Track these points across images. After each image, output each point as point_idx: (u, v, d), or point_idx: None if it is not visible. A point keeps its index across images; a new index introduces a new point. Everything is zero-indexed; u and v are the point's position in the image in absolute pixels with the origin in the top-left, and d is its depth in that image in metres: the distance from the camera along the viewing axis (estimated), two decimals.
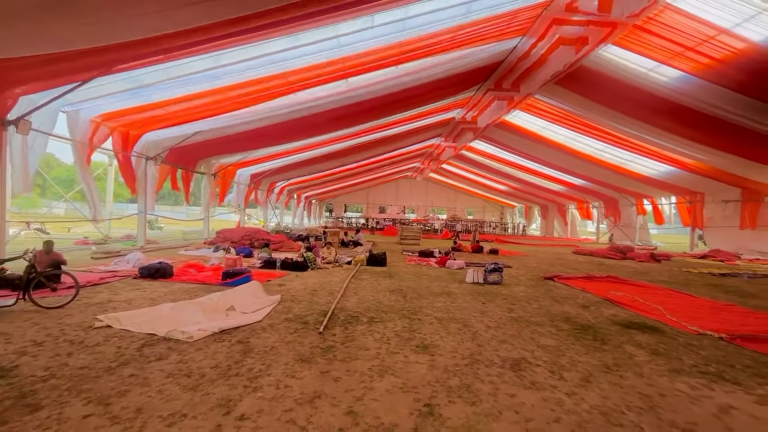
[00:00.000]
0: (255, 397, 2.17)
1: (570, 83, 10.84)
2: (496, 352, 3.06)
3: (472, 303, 4.80)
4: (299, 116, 9.92)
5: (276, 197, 20.20)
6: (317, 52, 6.98)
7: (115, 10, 3.97)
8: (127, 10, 4.01)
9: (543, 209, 28.44)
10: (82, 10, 3.81)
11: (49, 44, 4.52)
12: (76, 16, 3.88)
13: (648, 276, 8.07)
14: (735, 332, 3.77)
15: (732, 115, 9.56)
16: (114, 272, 5.83)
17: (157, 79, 6.60)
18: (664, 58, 8.60)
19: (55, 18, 3.87)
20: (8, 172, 6.03)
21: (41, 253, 4.44)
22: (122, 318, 3.48)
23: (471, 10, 6.90)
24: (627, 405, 2.23)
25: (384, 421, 1.97)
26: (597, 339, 3.50)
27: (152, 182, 9.60)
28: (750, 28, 7.22)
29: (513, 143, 17.54)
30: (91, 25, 4.22)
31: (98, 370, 2.47)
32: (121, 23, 4.31)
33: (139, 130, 8.62)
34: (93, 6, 3.82)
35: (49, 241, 4.71)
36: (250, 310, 3.94)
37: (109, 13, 4.02)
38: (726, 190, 14.42)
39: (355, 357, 2.84)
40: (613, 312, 4.62)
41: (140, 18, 4.22)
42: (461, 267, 7.98)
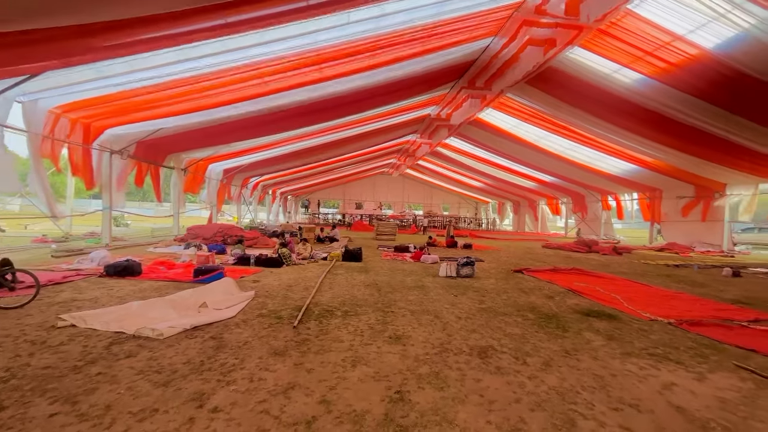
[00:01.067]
0: (228, 390, 2.20)
1: (540, 83, 11.23)
2: (465, 341, 3.21)
3: (444, 296, 4.96)
4: (273, 111, 9.78)
5: (250, 193, 19.80)
6: (291, 47, 6.90)
7: None
8: None
9: (515, 205, 29.31)
10: None
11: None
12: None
13: (610, 268, 8.54)
14: (682, 318, 4.10)
15: (687, 117, 10.21)
16: (77, 271, 5.60)
17: (123, 70, 6.33)
18: (626, 61, 9.06)
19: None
20: None
21: None
22: (88, 317, 3.38)
23: (443, 11, 7.01)
24: (582, 385, 2.42)
25: (356, 408, 2.05)
26: (559, 327, 3.72)
27: (116, 177, 9.21)
28: (702, 36, 7.72)
29: (486, 141, 17.96)
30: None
31: (63, 370, 2.41)
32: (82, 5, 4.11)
33: (103, 123, 8.24)
34: None
35: None
36: (223, 307, 3.91)
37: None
38: (681, 187, 15.40)
39: (329, 349, 2.90)
40: (575, 301, 4.89)
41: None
42: (435, 261, 8.16)
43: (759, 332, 3.70)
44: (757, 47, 7.27)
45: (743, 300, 5.35)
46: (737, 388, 2.46)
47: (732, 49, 7.59)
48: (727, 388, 2.45)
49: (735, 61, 7.81)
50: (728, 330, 3.75)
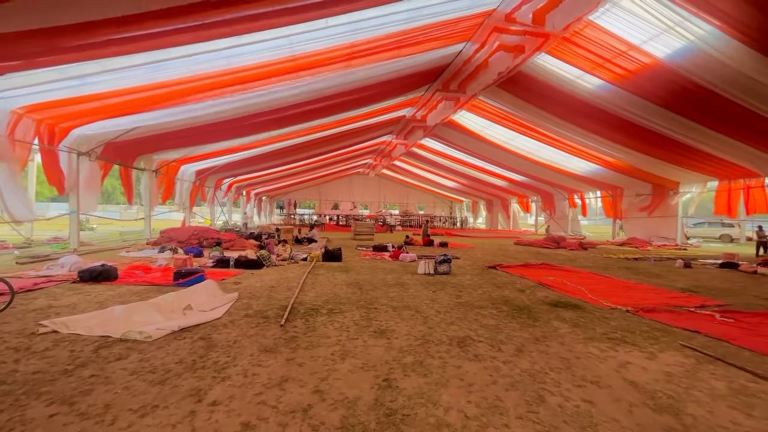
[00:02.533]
0: (225, 386, 2.30)
1: (511, 87, 11.73)
2: (445, 332, 3.43)
3: (423, 292, 5.18)
4: (248, 113, 9.71)
5: (223, 194, 19.39)
6: (267, 49, 6.92)
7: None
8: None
9: (488, 204, 30.19)
10: None
11: None
12: None
13: (576, 262, 9.08)
14: (638, 306, 4.51)
15: (644, 120, 10.98)
16: (49, 277, 5.42)
17: (91, 70, 6.15)
18: (588, 67, 9.65)
19: None
20: None
21: None
22: (70, 322, 3.36)
23: (416, 16, 7.25)
24: (550, 367, 2.68)
25: (348, 395, 2.22)
26: (530, 317, 4.02)
27: (86, 179, 8.87)
28: (655, 46, 8.36)
29: (460, 141, 18.46)
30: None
31: (54, 374, 2.43)
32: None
33: (69, 124, 7.93)
34: None
35: None
36: (208, 308, 3.96)
37: None
38: (640, 186, 16.45)
39: (317, 345, 3.04)
40: (545, 294, 5.24)
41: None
42: (413, 260, 8.41)
43: (703, 316, 4.15)
44: (702, 58, 7.95)
45: (692, 288, 5.89)
46: (681, 364, 2.81)
47: (681, 59, 8.26)
48: (673, 364, 2.80)
49: (684, 69, 8.50)
50: (677, 315, 4.18)
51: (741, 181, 13.01)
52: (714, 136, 10.70)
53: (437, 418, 1.98)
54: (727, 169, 12.92)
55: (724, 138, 10.68)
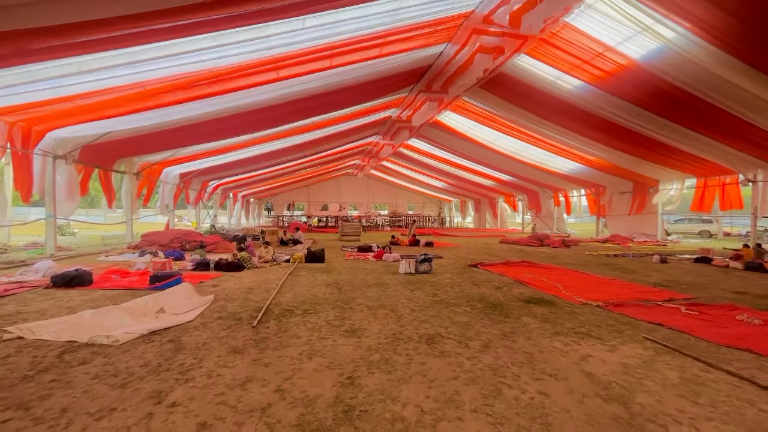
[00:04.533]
0: (187, 387, 2.31)
1: (493, 87, 11.88)
2: (416, 330, 3.47)
3: (401, 291, 5.23)
4: (230, 114, 9.65)
5: (208, 197, 19.20)
6: (247, 51, 6.91)
7: None
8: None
9: (476, 203, 30.44)
10: None
11: None
12: None
13: (557, 259, 9.24)
14: (609, 300, 4.62)
15: (623, 120, 11.21)
16: (21, 283, 5.32)
17: (66, 71, 6.06)
18: (567, 68, 9.83)
19: None
20: None
21: None
22: (36, 328, 3.31)
23: (396, 18, 7.31)
24: (513, 362, 2.75)
25: (309, 393, 2.24)
26: (502, 314, 4.09)
27: (64, 184, 8.71)
28: (630, 47, 8.56)
29: (446, 142, 18.60)
30: None
31: (13, 380, 2.40)
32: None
33: (45, 126, 7.79)
34: None
35: None
36: (181, 311, 3.94)
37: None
38: (621, 183, 16.78)
39: (287, 345, 3.06)
40: (521, 291, 5.33)
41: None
42: (396, 260, 8.45)
43: (668, 309, 4.27)
44: (675, 59, 8.16)
45: (664, 283, 6.05)
46: (639, 356, 2.90)
47: (655, 59, 8.46)
48: (632, 356, 2.89)
49: (659, 70, 8.71)
50: (645, 309, 4.29)
51: (717, 178, 13.37)
52: (690, 134, 10.98)
53: (393, 413, 2.02)
54: (703, 167, 13.27)
55: (699, 136, 10.97)
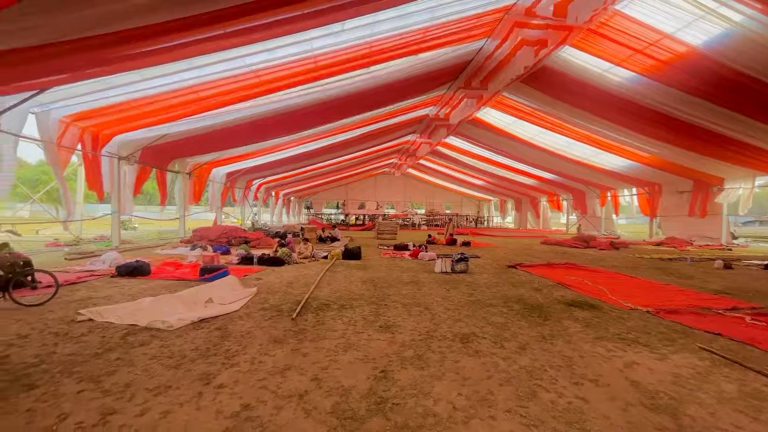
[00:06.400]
0: (232, 371, 2.48)
1: (535, 82, 11.45)
2: (450, 329, 3.46)
3: (436, 290, 5.21)
4: (273, 115, 10.08)
5: (254, 195, 20.16)
6: (290, 54, 7.19)
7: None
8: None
9: (516, 202, 29.45)
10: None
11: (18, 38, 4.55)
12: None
13: (603, 262, 8.74)
14: (660, 306, 4.32)
15: (681, 113, 10.37)
16: (91, 272, 5.93)
17: (130, 80, 6.65)
18: (617, 59, 9.26)
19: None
20: None
21: (5, 254, 4.49)
22: (104, 311, 3.69)
23: (435, 15, 7.26)
24: (550, 364, 2.67)
25: (344, 384, 2.32)
26: (541, 316, 3.96)
27: (125, 183, 9.56)
28: (690, 33, 7.90)
29: (485, 139, 18.17)
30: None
31: (85, 356, 2.70)
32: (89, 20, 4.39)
33: (111, 130, 8.58)
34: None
35: (5, 243, 4.73)
36: (227, 302, 4.20)
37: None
38: (680, 182, 15.51)
39: (323, 337, 3.18)
40: (562, 293, 5.12)
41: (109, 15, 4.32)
42: (432, 259, 8.40)
43: (730, 319, 3.92)
44: (745, 43, 7.42)
45: (726, 291, 5.54)
46: (693, 366, 2.70)
47: (721, 45, 7.75)
48: (684, 366, 2.69)
49: (725, 57, 7.96)
50: (702, 317, 3.97)
51: None
52: (761, 127, 9.93)
53: (425, 408, 2.04)
54: None
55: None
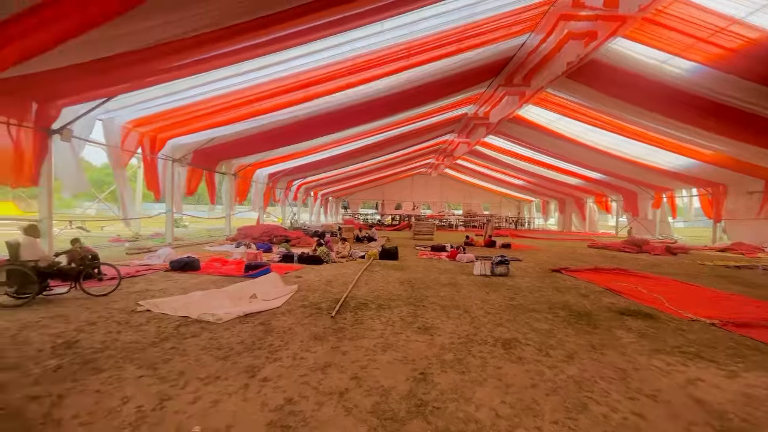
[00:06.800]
0: (275, 366, 2.56)
1: (582, 77, 10.85)
2: (491, 333, 3.36)
3: (475, 293, 5.09)
4: (314, 116, 10.33)
5: (293, 195, 20.80)
6: (330, 56, 7.34)
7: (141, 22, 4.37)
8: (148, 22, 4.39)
9: (560, 203, 28.12)
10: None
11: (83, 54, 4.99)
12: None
13: (659, 268, 8.11)
14: (727, 319, 3.93)
15: (752, 106, 9.38)
16: (148, 266, 6.39)
17: (182, 87, 7.10)
18: (677, 49, 8.54)
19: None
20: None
21: (77, 248, 4.93)
22: (159, 303, 3.96)
23: (476, 12, 7.10)
24: (601, 376, 2.50)
25: (383, 384, 2.32)
26: (590, 324, 3.74)
27: (178, 183, 10.21)
28: (765, 17, 7.13)
29: (527, 138, 17.50)
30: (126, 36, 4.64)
31: (144, 344, 2.91)
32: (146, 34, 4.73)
33: (166, 135, 9.21)
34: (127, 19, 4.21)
35: (76, 238, 5.17)
36: (270, 298, 4.36)
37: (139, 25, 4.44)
38: (749, 182, 14.05)
39: (362, 336, 3.20)
40: (612, 301, 4.81)
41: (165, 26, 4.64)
42: (471, 260, 8.23)
43: None
44: None
45: None
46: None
47: None
48: (759, 386, 2.42)
49: None
50: None
51: None
52: None
53: (467, 414, 1.99)
54: None
55: None
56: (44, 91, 5.76)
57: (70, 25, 3.64)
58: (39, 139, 6.00)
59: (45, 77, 5.15)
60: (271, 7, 4.62)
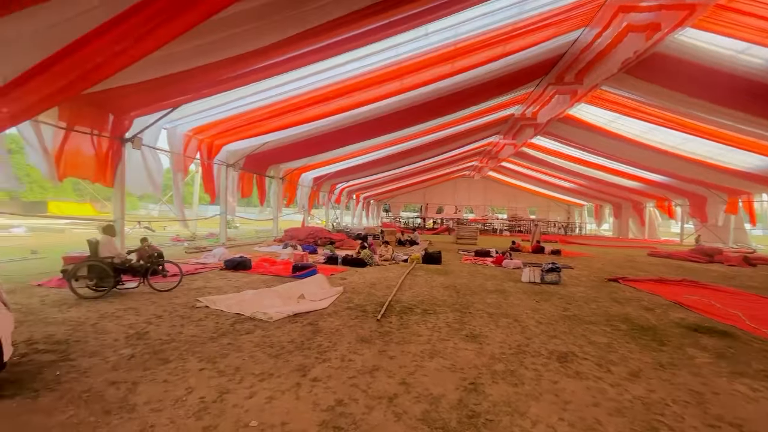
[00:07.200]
0: (324, 366, 2.61)
1: (642, 72, 10.08)
2: (545, 345, 3.19)
3: (525, 301, 4.87)
4: (358, 121, 10.50)
5: (336, 198, 21.28)
6: (376, 62, 7.43)
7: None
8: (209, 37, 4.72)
9: (615, 208, 26.27)
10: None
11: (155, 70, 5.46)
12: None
13: (735, 281, 7.29)
14: None
15: None
16: (204, 264, 6.82)
17: (236, 96, 7.53)
18: (759, 37, 7.67)
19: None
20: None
21: (145, 246, 5.37)
22: (216, 300, 4.20)
23: (524, 9, 6.86)
24: (673, 399, 2.28)
25: (433, 392, 2.28)
26: (656, 340, 3.44)
27: (231, 187, 10.83)
28: None
29: (579, 138, 16.55)
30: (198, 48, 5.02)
31: (204, 339, 3.10)
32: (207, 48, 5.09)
33: (221, 141, 9.81)
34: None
35: (145, 237, 5.64)
36: (317, 299, 4.47)
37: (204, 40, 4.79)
38: None
39: (408, 341, 3.17)
40: (681, 315, 4.39)
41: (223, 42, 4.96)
42: (518, 267, 7.90)
43: None
44: None
45: None
46: None
47: None
48: None
49: None
50: None
51: None
52: None
53: (522, 429, 1.90)
54: None
55: None
56: (119, 103, 6.37)
57: (150, 42, 3.95)
58: (115, 147, 6.63)
59: (121, 91, 5.71)
60: (325, 17, 4.77)
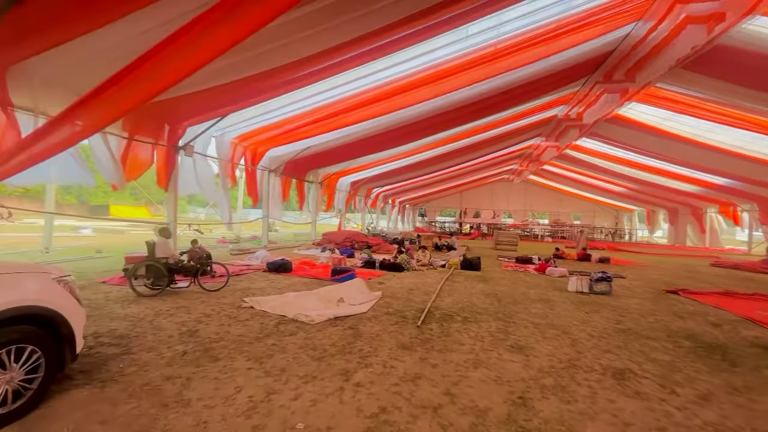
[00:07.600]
0: (367, 372, 2.60)
1: (702, 66, 9.31)
2: (598, 360, 2.99)
3: (573, 312, 4.61)
4: (397, 125, 10.54)
5: (372, 202, 21.45)
6: (416, 66, 7.43)
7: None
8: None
9: (671, 213, 24.37)
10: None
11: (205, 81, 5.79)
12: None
13: None
14: None
15: None
16: (248, 266, 7.10)
17: (279, 105, 7.82)
18: None
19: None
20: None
21: (196, 248, 5.67)
22: (261, 301, 4.34)
23: (570, 6, 6.57)
24: (753, 428, 2.04)
25: (479, 404, 2.20)
26: (726, 360, 3.11)
27: (273, 191, 11.24)
28: None
29: (629, 139, 15.56)
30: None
31: (250, 338, 3.20)
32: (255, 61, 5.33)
33: (264, 148, 10.22)
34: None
35: (195, 240, 5.95)
36: (357, 303, 4.49)
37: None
38: None
39: (450, 349, 3.10)
40: (755, 333, 3.96)
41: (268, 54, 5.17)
42: (563, 275, 7.53)
43: None
44: None
45: None
46: None
47: None
48: None
49: None
50: None
51: None
52: None
53: None
54: None
55: None
56: (174, 114, 6.82)
57: (202, 53, 4.20)
58: (170, 155, 7.10)
59: (175, 102, 6.10)
60: (369, 26, 4.84)
